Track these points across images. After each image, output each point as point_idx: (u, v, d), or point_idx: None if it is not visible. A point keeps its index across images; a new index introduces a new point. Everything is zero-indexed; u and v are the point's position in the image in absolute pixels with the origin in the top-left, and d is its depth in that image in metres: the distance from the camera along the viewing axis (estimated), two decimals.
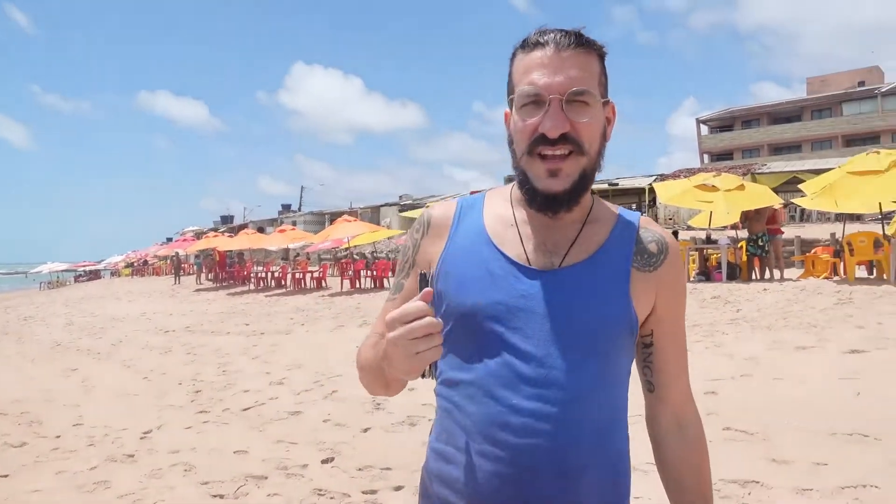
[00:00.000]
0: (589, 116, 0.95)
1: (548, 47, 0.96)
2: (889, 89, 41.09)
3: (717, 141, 48.55)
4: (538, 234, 1.03)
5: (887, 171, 10.01)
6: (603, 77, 1.01)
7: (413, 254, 1.12)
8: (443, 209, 1.13)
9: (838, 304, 8.51)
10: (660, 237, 1.09)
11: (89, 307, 19.17)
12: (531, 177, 0.98)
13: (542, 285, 0.99)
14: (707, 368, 5.72)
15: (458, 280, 1.02)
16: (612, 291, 1.01)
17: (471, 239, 1.06)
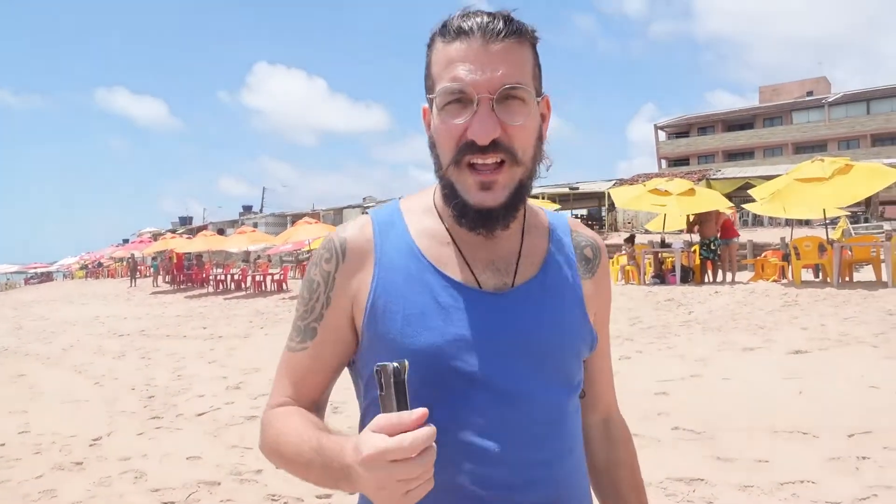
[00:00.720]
0: (524, 117, 0.83)
1: (473, 36, 0.82)
2: (835, 99, 42.83)
3: (675, 147, 49.79)
4: (482, 250, 0.91)
5: (831, 178, 10.44)
6: (537, 69, 0.88)
7: (327, 289, 0.91)
8: (357, 229, 0.93)
9: (784, 306, 8.84)
10: (592, 241, 1.03)
11: (39, 310, 18.54)
12: (460, 189, 0.85)
13: (501, 311, 0.88)
14: (659, 370, 5.89)
15: (403, 316, 0.85)
16: (571, 307, 0.94)
17: (404, 263, 0.89)
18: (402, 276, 0.88)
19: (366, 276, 0.90)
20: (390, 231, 0.93)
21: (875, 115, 41.69)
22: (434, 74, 0.86)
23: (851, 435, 3.88)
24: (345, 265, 0.91)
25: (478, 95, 0.81)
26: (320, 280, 0.92)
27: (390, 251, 0.91)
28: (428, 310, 0.86)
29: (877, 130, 41.32)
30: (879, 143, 41.07)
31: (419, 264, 0.90)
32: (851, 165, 10.70)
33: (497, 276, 0.90)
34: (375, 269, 0.90)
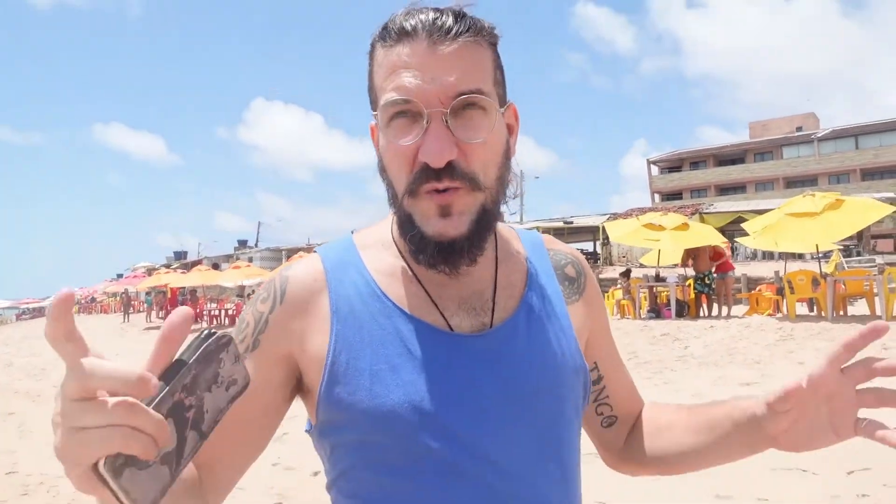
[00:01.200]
0: (486, 131, 0.70)
1: (418, 37, 0.69)
2: (824, 134, 43.53)
3: (667, 181, 50.32)
4: (450, 287, 0.78)
5: (822, 213, 10.55)
6: (499, 73, 0.75)
7: (256, 331, 0.77)
8: (303, 269, 0.80)
9: (780, 340, 8.84)
10: (572, 257, 0.92)
11: (31, 347, 18.34)
12: (418, 219, 0.72)
13: (483, 357, 0.76)
14: None
15: (371, 373, 0.73)
16: (561, 342, 0.81)
17: (365, 307, 0.76)
18: (364, 324, 0.75)
19: (317, 328, 0.76)
20: (345, 270, 0.79)
21: (864, 150, 42.35)
22: (376, 86, 0.73)
23: (851, 472, 3.85)
24: (283, 308, 0.77)
25: (427, 108, 0.68)
26: (251, 321, 0.78)
27: (348, 294, 0.77)
28: (399, 362, 0.73)
29: (866, 165, 41.93)
30: (869, 177, 41.63)
31: (383, 307, 0.76)
32: (842, 200, 10.83)
33: (472, 315, 0.78)
34: (332, 320, 0.76)
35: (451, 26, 0.69)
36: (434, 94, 0.68)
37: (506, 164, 0.76)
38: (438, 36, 0.69)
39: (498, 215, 0.77)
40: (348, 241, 0.84)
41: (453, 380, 0.74)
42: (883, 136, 42.00)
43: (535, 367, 0.77)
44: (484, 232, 0.74)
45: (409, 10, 0.72)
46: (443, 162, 0.68)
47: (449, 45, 0.69)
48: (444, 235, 0.71)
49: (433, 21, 0.70)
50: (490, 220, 0.75)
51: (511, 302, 0.81)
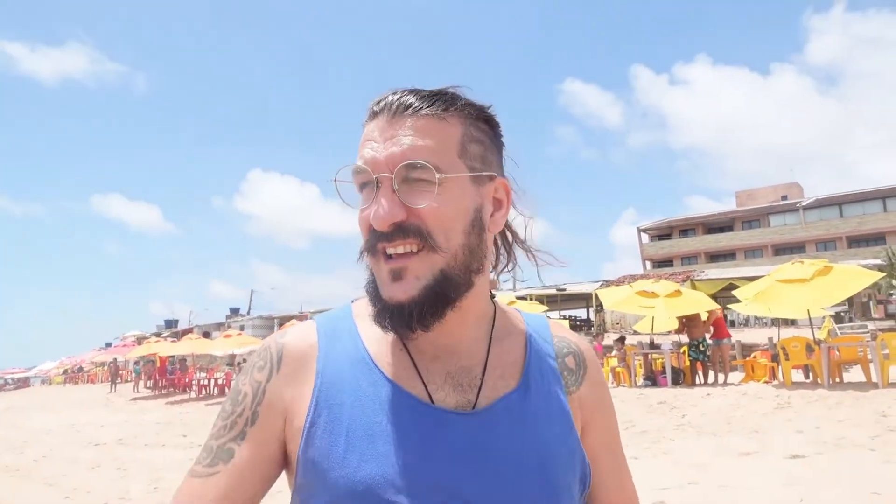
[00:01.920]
0: (429, 198, 0.71)
1: (381, 115, 0.74)
2: (809, 203, 44.49)
3: (658, 248, 50.88)
4: (437, 360, 0.77)
5: (812, 279, 10.67)
6: (474, 146, 0.76)
7: (254, 403, 0.75)
8: (297, 334, 0.80)
9: (778, 408, 8.75)
10: (575, 347, 0.88)
11: (12, 418, 17.83)
12: (377, 282, 0.75)
13: (465, 436, 0.72)
14: (656, 477, 5.72)
15: (346, 439, 0.71)
16: (556, 434, 0.77)
17: (352, 374, 0.76)
18: (348, 390, 0.74)
19: (304, 391, 0.75)
20: (338, 337, 0.80)
21: (848, 218, 43.21)
22: None
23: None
24: (279, 375, 0.77)
25: (375, 175, 0.71)
26: (248, 391, 0.76)
27: (337, 360, 0.77)
28: (377, 431, 0.71)
29: (851, 233, 42.67)
30: (855, 244, 42.29)
31: (371, 375, 0.75)
32: (831, 267, 10.98)
33: (458, 392, 0.75)
34: (317, 382, 0.75)
35: (412, 103, 0.73)
36: (383, 161, 0.71)
37: (475, 234, 0.75)
38: (397, 112, 0.73)
39: (465, 283, 0.74)
40: (346, 310, 0.85)
41: (431, 457, 0.70)
42: (866, 205, 42.98)
43: (524, 457, 0.73)
44: (444, 299, 0.72)
45: (384, 94, 0.76)
46: (385, 225, 0.70)
47: (406, 120, 0.72)
48: (395, 299, 0.72)
49: (397, 99, 0.74)
50: (450, 288, 0.73)
51: (502, 383, 0.78)
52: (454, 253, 0.73)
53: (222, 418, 0.76)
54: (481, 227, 0.76)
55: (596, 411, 0.85)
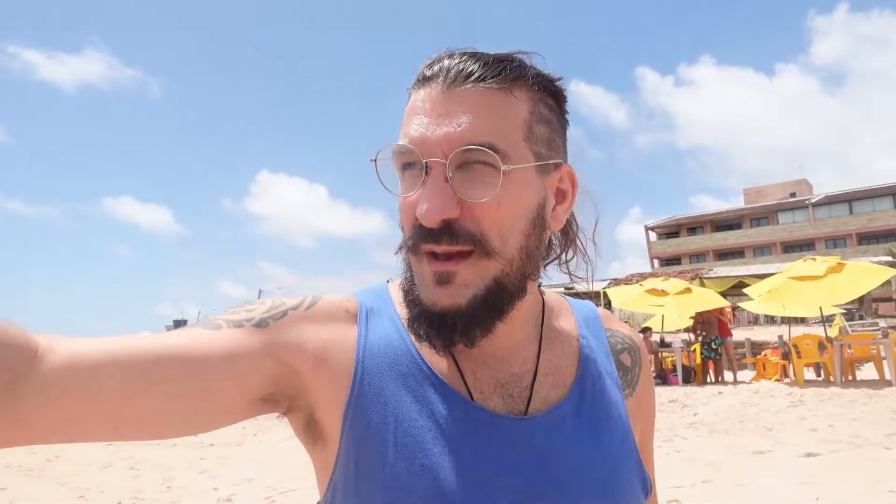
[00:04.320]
0: (492, 190, 0.60)
1: (435, 82, 0.62)
2: (818, 200, 44.22)
3: (666, 246, 50.70)
4: (485, 366, 0.68)
5: (825, 276, 10.59)
6: (541, 127, 0.64)
7: (269, 314, 0.64)
8: (338, 299, 0.70)
9: (791, 406, 8.69)
10: (630, 342, 0.80)
11: None
12: (417, 282, 0.64)
13: (523, 444, 0.65)
14: (669, 475, 5.69)
15: (395, 444, 0.62)
16: (615, 443, 0.69)
17: (394, 364, 0.66)
18: (391, 387, 0.64)
19: (337, 362, 0.65)
20: (379, 317, 0.70)
21: (858, 214, 42.94)
22: None
23: None
24: (308, 313, 0.66)
25: (426, 159, 0.60)
26: (268, 302, 0.67)
27: (379, 349, 0.66)
28: (427, 438, 0.62)
29: (861, 229, 42.38)
30: (865, 241, 42.00)
31: (419, 372, 0.66)
32: (843, 264, 10.90)
33: (508, 403, 0.67)
34: (357, 373, 0.65)
35: (473, 70, 0.61)
36: (436, 142, 0.60)
37: (535, 234, 0.65)
38: (456, 81, 0.61)
39: (520, 292, 0.65)
40: (384, 291, 0.74)
41: (485, 468, 0.62)
42: (875, 202, 42.69)
43: (584, 467, 0.65)
44: (494, 311, 0.63)
45: (439, 55, 0.64)
46: (434, 222, 0.59)
47: (465, 91, 0.61)
48: (437, 304, 0.61)
49: (455, 65, 0.62)
50: (505, 299, 0.63)
51: (555, 392, 0.69)
52: (510, 258, 0.63)
53: (229, 310, 0.65)
54: (542, 226, 0.66)
55: (645, 412, 0.79)
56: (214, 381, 0.58)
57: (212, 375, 0.57)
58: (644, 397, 0.78)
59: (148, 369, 0.54)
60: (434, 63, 0.63)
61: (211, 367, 0.57)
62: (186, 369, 0.56)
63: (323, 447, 0.66)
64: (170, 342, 0.56)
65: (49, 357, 0.50)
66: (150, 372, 0.54)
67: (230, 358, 0.59)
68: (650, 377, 0.81)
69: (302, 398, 0.64)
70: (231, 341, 0.60)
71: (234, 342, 0.60)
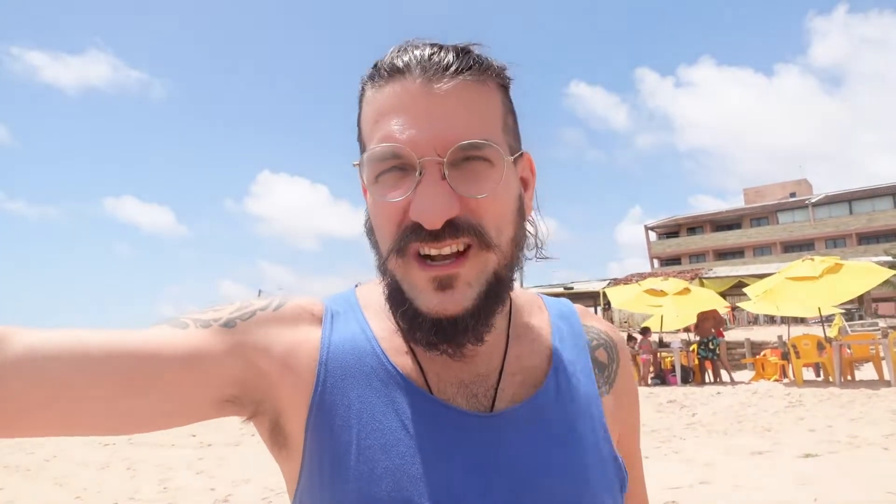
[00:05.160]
0: (492, 184, 0.59)
1: (411, 75, 0.59)
2: (818, 200, 44.23)
3: (666, 246, 50.72)
4: (452, 367, 0.66)
5: (821, 277, 10.59)
6: (510, 118, 0.64)
7: (237, 314, 0.64)
8: (304, 300, 0.70)
9: (789, 406, 8.67)
10: (606, 338, 0.78)
11: None
12: (408, 290, 0.61)
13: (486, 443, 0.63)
14: (667, 476, 5.68)
15: (357, 447, 0.61)
16: (588, 442, 0.67)
17: (360, 368, 0.64)
18: (356, 390, 0.63)
19: (302, 365, 0.64)
20: (346, 320, 0.69)
21: (858, 214, 42.94)
22: (364, 135, 0.62)
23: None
24: (275, 314, 0.66)
25: (420, 159, 0.57)
26: (237, 303, 0.67)
27: (343, 350, 0.65)
28: (390, 440, 0.61)
29: (861, 229, 42.38)
30: (865, 241, 42.00)
31: (384, 373, 0.64)
32: (841, 264, 10.89)
33: (471, 402, 0.65)
34: (319, 369, 0.63)
35: (451, 62, 0.59)
36: (427, 141, 0.57)
37: (520, 224, 0.65)
38: (435, 73, 0.58)
39: (511, 282, 0.65)
40: (350, 296, 0.73)
41: (449, 469, 0.61)
42: (875, 202, 42.69)
43: (553, 467, 0.64)
44: (493, 305, 0.62)
45: (402, 46, 0.61)
46: (439, 223, 0.57)
47: (447, 84, 0.58)
48: (444, 312, 0.59)
49: (429, 56, 0.59)
50: (501, 291, 0.63)
51: (523, 390, 0.68)
52: (505, 249, 0.62)
53: (198, 311, 0.65)
54: (523, 216, 0.66)
55: (625, 410, 0.76)
56: (174, 379, 0.57)
57: (171, 373, 0.56)
58: (624, 395, 0.76)
59: (102, 363, 0.53)
60: (403, 54, 0.60)
61: (171, 364, 0.57)
62: (143, 365, 0.55)
63: (288, 454, 0.65)
64: (130, 338, 0.55)
65: (2, 347, 0.49)
66: (104, 366, 0.53)
67: (194, 357, 0.58)
68: (631, 375, 0.79)
69: (268, 402, 0.64)
70: (196, 340, 0.59)
71: (200, 341, 0.60)
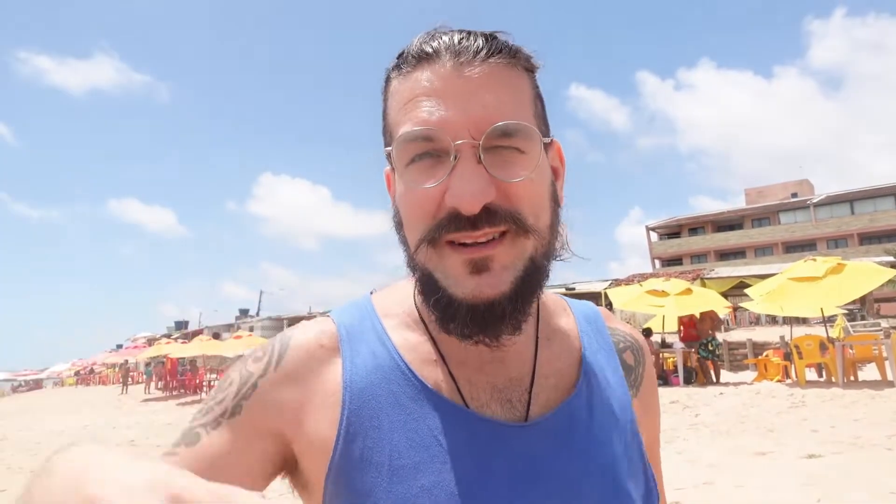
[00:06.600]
0: (528, 169, 0.57)
1: (441, 60, 0.57)
2: (820, 200, 44.16)
3: (667, 247, 50.66)
4: (481, 372, 0.64)
5: (824, 277, 10.58)
6: (539, 103, 0.63)
7: (239, 395, 0.63)
8: (311, 333, 0.67)
9: (792, 407, 8.68)
10: (632, 340, 0.77)
11: (26, 420, 17.98)
12: (441, 278, 0.58)
13: (526, 454, 0.61)
14: (670, 477, 5.69)
15: (390, 469, 0.59)
16: (623, 445, 0.66)
17: (387, 386, 0.62)
18: (385, 407, 0.61)
19: (320, 403, 0.62)
20: (363, 337, 0.66)
21: (859, 214, 42.87)
22: (391, 122, 0.60)
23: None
24: (277, 373, 0.63)
25: (455, 142, 0.55)
26: (236, 379, 0.64)
27: (365, 366, 0.63)
28: (424, 458, 0.59)
29: (863, 230, 42.32)
30: (867, 241, 41.92)
31: (411, 388, 0.62)
32: (844, 265, 10.88)
33: (507, 409, 0.63)
34: (345, 396, 0.62)
35: (482, 46, 0.58)
36: (462, 125, 0.56)
37: (556, 211, 0.63)
38: (465, 57, 0.57)
39: (548, 272, 0.62)
40: (367, 304, 0.70)
41: (488, 483, 0.59)
42: (877, 202, 42.62)
43: (591, 473, 0.63)
44: (531, 292, 0.59)
45: (430, 33, 0.60)
46: (477, 206, 0.55)
47: (479, 68, 0.57)
48: (480, 296, 0.57)
49: (459, 41, 0.58)
50: (539, 278, 0.60)
51: (556, 394, 0.66)
52: (543, 234, 0.60)
53: (204, 402, 0.65)
54: (558, 203, 0.64)
55: (650, 415, 0.75)
56: None
57: None
58: (649, 398, 0.75)
59: None
60: (432, 40, 0.59)
61: None
62: None
63: (308, 496, 0.65)
64: None
65: None
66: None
67: (218, 467, 0.58)
68: (654, 377, 0.78)
69: (290, 454, 0.64)
70: (213, 449, 0.59)
71: (217, 449, 0.60)
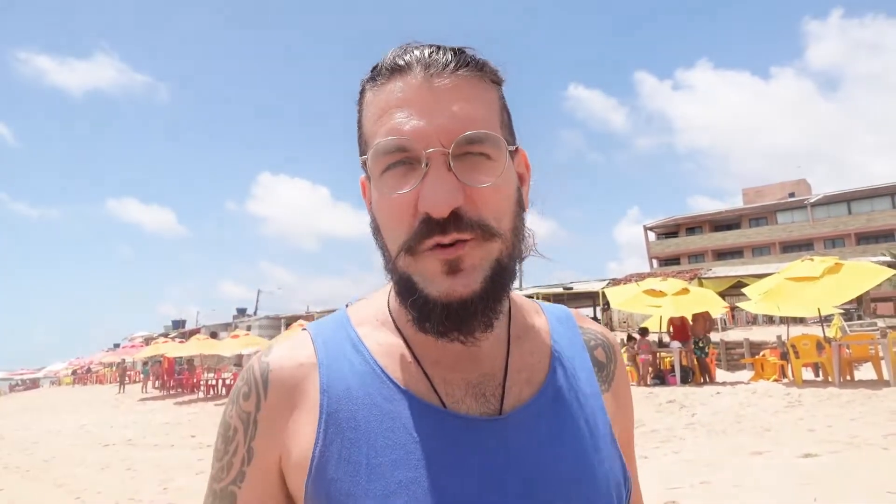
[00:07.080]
0: (494, 175, 0.61)
1: (413, 72, 0.62)
2: (817, 200, 44.24)
3: (665, 247, 50.71)
4: (454, 370, 0.67)
5: (822, 277, 10.59)
6: (505, 114, 0.67)
7: (248, 438, 0.66)
8: (286, 351, 0.69)
9: (788, 406, 8.69)
10: (603, 338, 0.80)
11: (23, 419, 17.95)
12: (419, 280, 0.61)
13: (500, 446, 0.64)
14: (667, 477, 5.69)
15: (367, 467, 0.62)
16: (595, 439, 0.69)
17: (365, 391, 0.65)
18: (361, 409, 0.64)
19: (301, 417, 0.65)
20: (340, 347, 0.69)
21: (857, 214, 42.95)
22: (366, 132, 0.64)
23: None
24: (268, 403, 0.66)
25: (426, 150, 0.59)
26: (238, 425, 0.67)
27: (342, 374, 0.66)
28: (401, 455, 0.62)
29: (860, 229, 42.40)
30: (864, 241, 42.01)
31: (384, 389, 0.65)
32: (841, 264, 10.89)
33: (481, 403, 0.66)
34: (322, 403, 0.65)
35: (451, 60, 0.62)
36: (432, 133, 0.59)
37: (520, 215, 0.66)
38: (436, 69, 0.61)
39: (514, 272, 0.65)
40: (342, 317, 0.74)
41: (464, 476, 0.62)
42: (874, 202, 42.69)
43: (563, 466, 0.65)
44: (500, 291, 0.63)
45: (402, 47, 0.64)
46: (446, 210, 0.58)
47: (448, 80, 0.61)
48: (454, 295, 0.60)
49: (429, 55, 0.62)
50: (506, 277, 0.63)
51: (529, 388, 0.69)
52: (506, 238, 0.63)
53: (217, 458, 0.68)
54: (522, 208, 0.68)
55: (623, 410, 0.78)
56: None
57: None
58: (621, 394, 0.78)
59: None
60: (404, 53, 0.63)
61: None
62: None
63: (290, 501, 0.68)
64: None
65: None
66: None
67: None
68: (626, 375, 0.81)
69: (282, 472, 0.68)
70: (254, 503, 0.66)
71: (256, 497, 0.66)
